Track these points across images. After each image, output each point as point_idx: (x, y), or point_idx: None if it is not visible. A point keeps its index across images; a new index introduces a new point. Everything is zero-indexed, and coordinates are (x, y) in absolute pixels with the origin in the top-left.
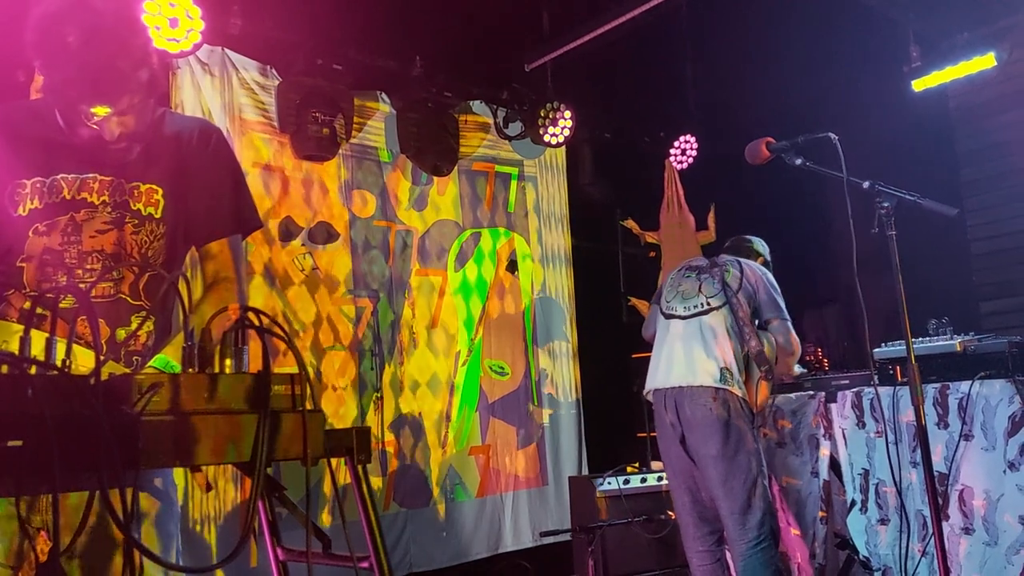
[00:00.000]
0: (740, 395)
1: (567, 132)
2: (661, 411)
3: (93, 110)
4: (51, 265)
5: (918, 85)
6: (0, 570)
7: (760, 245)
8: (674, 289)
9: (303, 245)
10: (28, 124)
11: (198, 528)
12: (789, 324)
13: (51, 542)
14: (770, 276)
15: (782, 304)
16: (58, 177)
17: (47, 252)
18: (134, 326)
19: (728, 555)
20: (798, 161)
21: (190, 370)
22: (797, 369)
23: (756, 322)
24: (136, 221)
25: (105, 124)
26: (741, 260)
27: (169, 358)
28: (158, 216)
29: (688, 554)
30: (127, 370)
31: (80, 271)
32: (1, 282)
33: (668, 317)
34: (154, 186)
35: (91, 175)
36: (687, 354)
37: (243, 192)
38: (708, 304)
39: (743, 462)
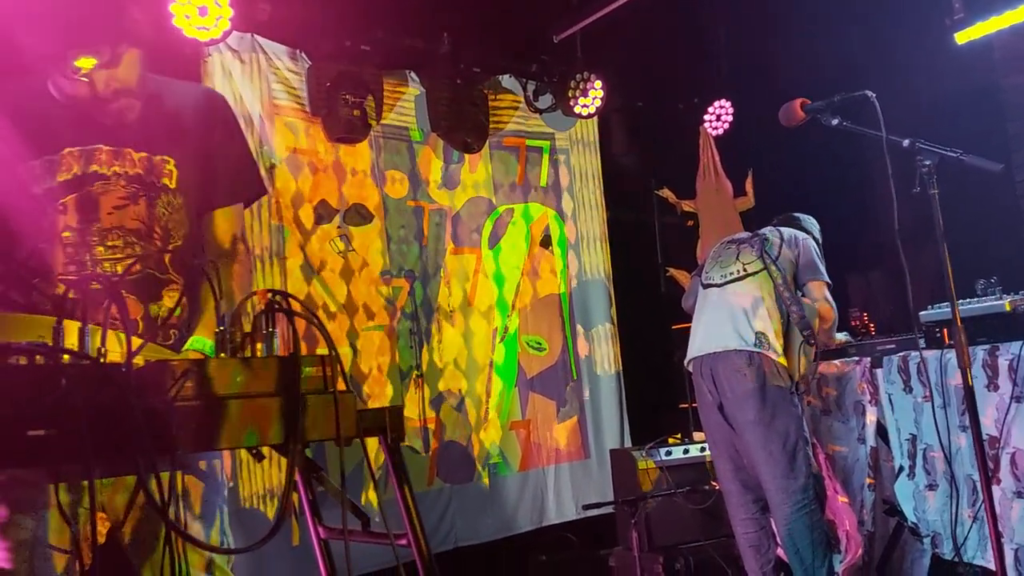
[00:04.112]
0: (776, 359)
1: (598, 102)
2: (699, 379)
3: (77, 63)
4: (72, 245)
5: (961, 37)
6: (57, 555)
7: (809, 223)
8: (714, 260)
9: (338, 228)
10: (26, 104)
11: (251, 505)
12: (826, 289)
13: (106, 523)
14: (812, 243)
15: (822, 268)
16: (64, 152)
17: (67, 230)
18: (166, 300)
19: (773, 523)
20: (834, 121)
21: (222, 355)
22: (841, 336)
23: (798, 290)
24: (152, 194)
25: (95, 77)
26: (783, 229)
27: (206, 339)
28: (173, 187)
29: (733, 523)
30: (166, 349)
31: (101, 248)
32: (28, 267)
33: (706, 287)
34: (166, 157)
35: (97, 146)
36: (721, 320)
37: (249, 159)
38: (744, 270)
39: (781, 426)
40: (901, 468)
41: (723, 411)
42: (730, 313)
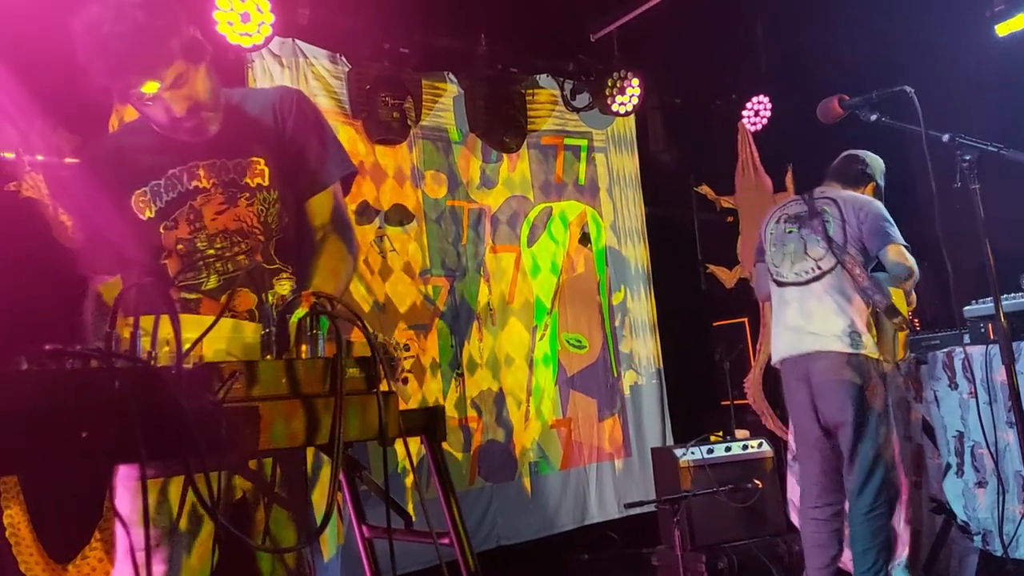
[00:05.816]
0: (874, 357)
1: (635, 100)
2: (791, 380)
3: (143, 89)
4: (186, 253)
5: (1002, 30)
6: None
7: (874, 163)
8: (779, 249)
9: (379, 228)
10: (130, 140)
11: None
12: (902, 247)
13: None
14: (875, 206)
15: (892, 231)
16: (167, 174)
17: (180, 242)
18: (278, 288)
19: (845, 525)
20: (873, 117)
21: (268, 357)
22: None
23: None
24: (248, 194)
25: (164, 101)
26: (839, 199)
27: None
28: (267, 184)
29: (802, 519)
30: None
31: (212, 251)
32: (155, 284)
33: (781, 285)
34: (255, 158)
35: (193, 163)
36: (810, 320)
37: (333, 141)
38: (819, 268)
39: (872, 429)
40: (949, 466)
41: (816, 411)
42: (819, 314)
